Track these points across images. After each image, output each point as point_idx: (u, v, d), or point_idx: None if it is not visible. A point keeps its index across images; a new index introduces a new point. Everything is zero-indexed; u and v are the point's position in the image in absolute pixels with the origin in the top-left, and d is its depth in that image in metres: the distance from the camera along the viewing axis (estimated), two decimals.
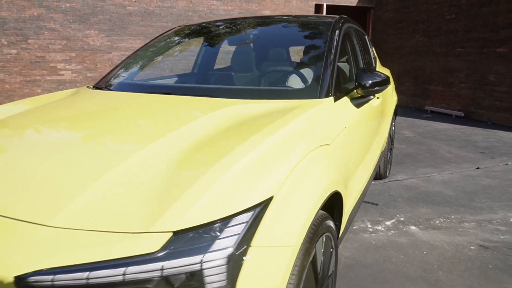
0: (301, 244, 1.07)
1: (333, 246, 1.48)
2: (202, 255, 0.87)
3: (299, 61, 2.28)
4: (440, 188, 3.60)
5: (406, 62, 8.96)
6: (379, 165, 3.38)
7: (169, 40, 2.66)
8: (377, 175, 3.65)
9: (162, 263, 0.85)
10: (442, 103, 8.06)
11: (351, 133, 1.79)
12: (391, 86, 3.48)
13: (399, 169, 4.15)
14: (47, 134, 1.47)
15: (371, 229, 2.74)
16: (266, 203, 0.99)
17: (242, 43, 2.43)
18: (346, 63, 2.49)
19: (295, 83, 1.92)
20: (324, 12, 9.71)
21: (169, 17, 8.44)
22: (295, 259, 1.03)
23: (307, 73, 1.95)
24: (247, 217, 0.94)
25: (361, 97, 1.99)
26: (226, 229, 0.91)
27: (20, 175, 1.11)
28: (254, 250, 0.93)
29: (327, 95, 1.72)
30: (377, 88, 1.89)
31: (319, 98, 1.67)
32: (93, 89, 2.23)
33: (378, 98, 2.57)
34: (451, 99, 7.81)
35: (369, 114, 2.25)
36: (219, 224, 0.91)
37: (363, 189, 2.20)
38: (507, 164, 4.41)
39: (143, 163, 1.08)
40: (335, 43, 2.04)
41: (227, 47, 2.54)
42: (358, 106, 1.97)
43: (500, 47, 6.68)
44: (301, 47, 2.31)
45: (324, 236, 1.31)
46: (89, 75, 8.19)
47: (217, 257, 0.88)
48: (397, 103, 3.96)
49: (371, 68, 3.04)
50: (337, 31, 2.17)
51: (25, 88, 7.79)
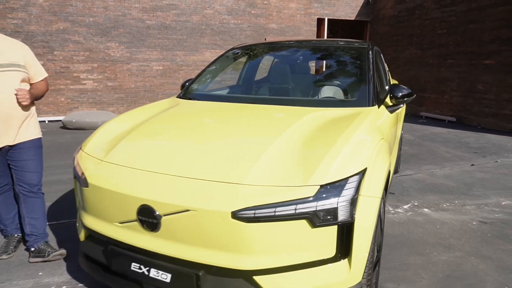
0: (381, 197, 1.70)
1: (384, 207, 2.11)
2: (336, 199, 1.49)
3: (345, 77, 2.93)
4: (443, 180, 4.28)
5: (401, 72, 9.74)
6: None
7: (231, 57, 3.29)
8: None
9: (315, 203, 1.47)
10: (436, 110, 8.84)
11: (388, 132, 2.44)
12: None
13: (406, 166, 4.83)
14: (203, 126, 2.17)
15: (393, 211, 3.39)
16: (363, 171, 1.62)
17: (297, 61, 3.07)
18: None
19: (345, 94, 2.57)
20: (325, 24, 10.47)
21: (184, 30, 9.07)
22: (379, 205, 1.66)
23: (353, 87, 2.61)
24: (356, 178, 1.57)
25: (393, 105, 2.65)
26: (347, 185, 1.53)
27: (206, 154, 1.73)
28: (361, 197, 1.56)
29: (373, 104, 2.37)
30: (406, 98, 2.56)
31: (369, 106, 2.33)
32: (181, 98, 2.84)
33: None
34: (444, 105, 8.60)
35: (395, 118, 2.91)
36: (344, 181, 1.53)
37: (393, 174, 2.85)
38: (496, 161, 5.13)
39: (286, 146, 1.71)
40: (372, 62, 2.70)
41: (285, 64, 3.16)
42: (391, 112, 2.63)
43: (486, 59, 7.50)
44: (342, 65, 2.97)
45: (385, 197, 1.94)
46: (109, 84, 8.73)
47: (344, 200, 1.50)
48: (405, 111, 4.66)
49: (387, 80, 3.71)
50: (371, 53, 2.84)
51: (49, 96, 8.28)
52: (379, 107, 2.41)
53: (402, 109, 4.08)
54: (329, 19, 10.57)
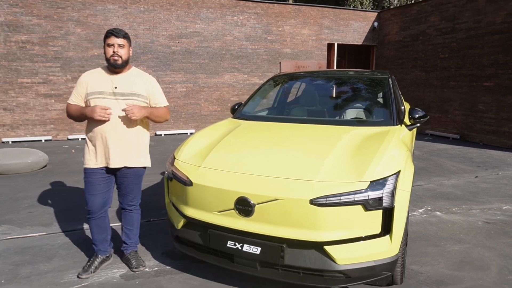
0: (411, 191, 2.32)
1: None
2: (381, 191, 2.11)
3: (372, 102, 3.58)
4: (451, 189, 4.88)
5: (407, 92, 10.44)
6: None
7: (274, 83, 3.97)
8: None
9: (367, 193, 2.09)
10: (440, 128, 9.49)
11: (409, 146, 3.08)
12: None
13: (417, 178, 5.43)
14: (271, 139, 2.83)
15: (410, 214, 3.98)
16: (398, 173, 2.24)
17: (330, 88, 3.75)
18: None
19: (374, 116, 3.23)
20: (335, 49, 11.27)
21: (206, 55, 9.86)
22: (409, 197, 2.28)
23: (380, 110, 3.27)
24: (394, 177, 2.19)
25: (411, 125, 3.29)
26: (388, 181, 2.16)
27: (283, 159, 2.36)
28: (398, 190, 2.18)
29: (397, 123, 3.02)
30: (422, 119, 3.21)
31: (394, 125, 2.97)
32: (238, 119, 3.49)
33: None
34: (448, 124, 9.25)
35: (412, 135, 3.55)
36: (386, 179, 2.16)
37: None
38: (498, 173, 5.74)
39: (341, 153, 2.35)
40: (392, 89, 3.37)
41: (323, 89, 3.82)
42: (409, 130, 3.27)
43: (486, 81, 8.21)
44: (369, 92, 3.64)
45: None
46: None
47: (386, 192, 2.12)
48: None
49: (402, 103, 4.37)
50: (390, 80, 3.52)
51: None
52: (401, 126, 3.06)
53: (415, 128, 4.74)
54: (338, 44, 11.39)
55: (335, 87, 3.81)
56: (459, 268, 2.84)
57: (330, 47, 11.33)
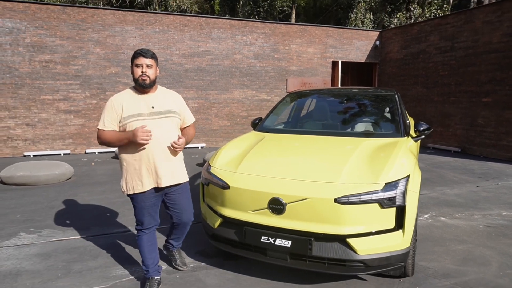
0: (419, 193, 2.69)
1: None
2: (395, 191, 2.48)
3: (382, 116, 3.98)
4: (453, 198, 5.23)
5: (409, 108, 10.87)
6: None
7: (291, 99, 4.38)
8: None
9: (382, 193, 2.46)
10: (442, 141, 9.88)
11: (416, 155, 3.46)
12: None
13: (422, 187, 5.78)
14: (295, 148, 3.23)
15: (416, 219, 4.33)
16: (408, 176, 2.62)
17: (342, 103, 4.16)
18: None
19: (384, 129, 3.63)
20: (339, 66, 11.77)
21: (217, 72, 10.36)
22: (418, 197, 2.65)
23: (389, 123, 3.67)
24: (405, 180, 2.57)
25: (417, 136, 3.69)
26: (400, 183, 2.53)
27: (308, 165, 2.75)
28: (408, 191, 2.55)
29: (404, 135, 3.41)
30: (426, 131, 3.60)
31: (402, 137, 3.37)
32: (261, 132, 3.89)
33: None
34: (449, 138, 9.64)
35: (417, 146, 3.94)
36: (398, 181, 2.53)
37: None
38: (498, 184, 6.09)
39: (358, 160, 2.74)
40: (399, 104, 3.78)
41: (334, 105, 4.23)
42: (415, 141, 3.67)
43: (485, 97, 8.63)
44: (379, 107, 4.05)
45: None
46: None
47: (399, 192, 2.49)
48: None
49: (407, 117, 4.77)
50: (397, 96, 3.94)
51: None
52: (408, 138, 3.45)
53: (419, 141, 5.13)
54: (342, 62, 11.90)
55: (347, 103, 4.22)
56: (463, 264, 3.18)
57: (334, 64, 11.84)
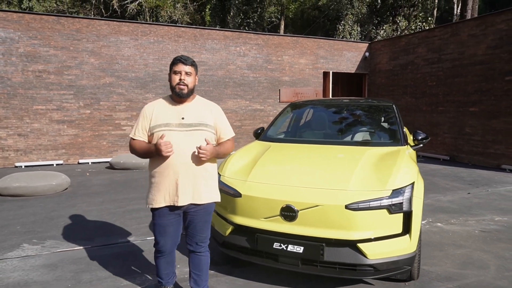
0: (423, 198, 2.82)
1: None
2: (402, 197, 2.60)
3: (381, 125, 4.12)
4: (447, 204, 5.41)
5: None
6: None
7: (289, 110, 4.50)
8: None
9: (390, 200, 2.58)
10: (431, 149, 10.15)
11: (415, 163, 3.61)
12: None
13: None
14: (304, 157, 3.30)
15: None
16: (413, 183, 2.75)
17: (344, 114, 4.30)
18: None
19: (384, 138, 3.77)
20: (330, 77, 12.03)
21: (210, 82, 10.46)
22: (423, 202, 2.77)
23: (390, 132, 3.82)
24: (410, 186, 2.69)
25: (415, 145, 3.84)
26: (406, 190, 2.65)
27: (318, 173, 2.85)
28: (414, 198, 2.68)
29: (404, 144, 3.56)
30: (424, 140, 3.76)
31: (403, 146, 3.51)
32: (262, 141, 3.98)
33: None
34: (438, 146, 9.93)
35: (415, 154, 4.09)
36: (404, 188, 2.65)
37: None
38: (488, 190, 6.31)
39: (365, 168, 2.85)
40: (398, 113, 3.94)
41: (336, 115, 4.36)
42: (413, 149, 3.82)
43: (472, 107, 8.96)
44: (380, 117, 4.20)
45: None
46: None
47: (406, 198, 2.61)
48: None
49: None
50: (395, 106, 4.10)
51: (93, 141, 9.38)
52: (407, 146, 3.60)
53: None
54: (333, 72, 12.17)
55: (348, 113, 4.36)
56: (463, 267, 3.31)
57: (325, 75, 12.09)
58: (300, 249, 2.65)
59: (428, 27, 18.16)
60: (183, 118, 2.37)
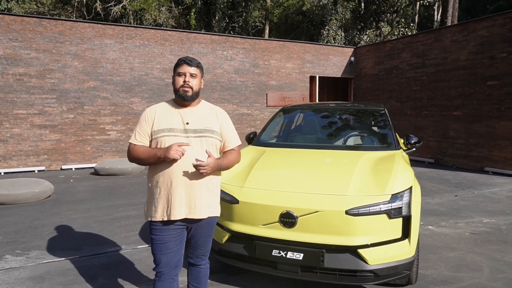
0: (421, 202, 2.82)
1: None
2: (401, 202, 2.60)
3: (375, 129, 4.13)
4: (436, 207, 5.48)
5: None
6: None
7: (282, 115, 4.47)
8: None
9: (390, 204, 2.57)
10: (416, 153, 10.31)
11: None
12: None
13: None
14: (301, 162, 3.26)
15: None
16: (411, 187, 2.75)
17: (338, 118, 4.29)
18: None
19: (378, 142, 3.78)
20: (317, 81, 12.11)
21: None
22: (420, 206, 2.78)
23: (383, 136, 3.83)
24: (409, 191, 2.69)
25: (407, 149, 3.87)
26: (405, 194, 2.65)
27: (316, 179, 2.81)
28: (412, 202, 2.68)
29: (398, 148, 3.58)
30: (417, 144, 3.79)
31: (396, 150, 3.53)
32: (255, 146, 3.93)
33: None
34: (423, 149, 10.10)
35: (408, 158, 4.12)
36: (403, 192, 2.65)
37: None
38: (473, 192, 6.44)
39: (362, 172, 2.83)
40: (389, 118, 3.96)
41: (329, 119, 4.35)
42: (406, 153, 3.84)
43: (455, 111, 9.16)
44: (373, 121, 4.22)
45: None
46: (131, 134, 9.68)
47: (405, 202, 2.61)
48: None
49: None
50: (386, 111, 4.13)
51: (77, 146, 9.12)
52: (400, 150, 3.62)
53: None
54: (319, 77, 12.26)
55: (342, 117, 4.36)
56: (457, 270, 3.33)
57: (312, 79, 12.17)
58: (300, 256, 2.60)
59: (410, 33, 18.58)
60: (187, 123, 2.19)
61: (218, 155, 2.30)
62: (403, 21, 19.66)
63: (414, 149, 3.88)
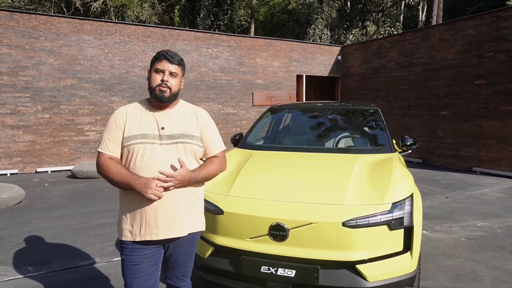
0: (422, 210, 2.59)
1: None
2: (402, 211, 2.36)
3: (369, 130, 3.90)
4: (428, 210, 5.31)
5: None
6: None
7: (269, 115, 4.20)
8: None
9: (390, 214, 2.32)
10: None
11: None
12: None
13: None
14: (291, 167, 3.00)
15: None
16: (412, 195, 2.52)
17: (329, 119, 4.04)
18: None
19: (373, 144, 3.55)
20: (303, 80, 11.90)
21: None
22: (422, 215, 2.55)
23: (378, 139, 3.60)
24: (410, 199, 2.46)
25: (403, 151, 3.65)
26: (406, 203, 2.41)
27: (308, 186, 2.55)
28: (414, 211, 2.44)
29: (393, 151, 3.35)
30: (413, 146, 3.58)
31: (392, 152, 3.30)
32: (242, 148, 3.65)
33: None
34: None
35: (403, 161, 3.91)
36: (404, 200, 2.41)
37: None
38: (464, 194, 6.31)
39: (359, 178, 2.58)
40: (383, 119, 3.73)
41: (320, 120, 4.09)
42: (402, 155, 3.62)
43: (443, 110, 9.08)
44: (366, 121, 3.98)
45: None
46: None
47: (406, 212, 2.37)
48: None
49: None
50: (380, 112, 3.89)
51: (53, 148, 8.64)
52: (396, 153, 3.39)
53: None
54: (306, 75, 12.05)
55: (333, 118, 4.11)
56: (457, 280, 3.13)
57: (299, 78, 11.95)
58: (291, 273, 2.33)
59: (396, 32, 18.59)
60: (162, 128, 1.90)
61: (198, 163, 1.99)
62: (388, 20, 19.68)
63: (409, 151, 3.66)
